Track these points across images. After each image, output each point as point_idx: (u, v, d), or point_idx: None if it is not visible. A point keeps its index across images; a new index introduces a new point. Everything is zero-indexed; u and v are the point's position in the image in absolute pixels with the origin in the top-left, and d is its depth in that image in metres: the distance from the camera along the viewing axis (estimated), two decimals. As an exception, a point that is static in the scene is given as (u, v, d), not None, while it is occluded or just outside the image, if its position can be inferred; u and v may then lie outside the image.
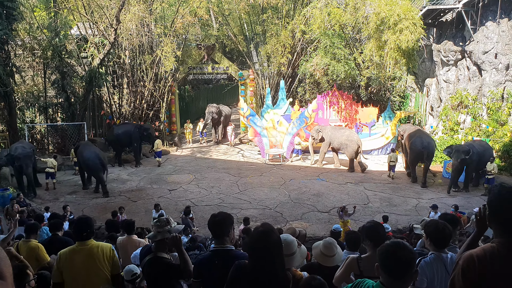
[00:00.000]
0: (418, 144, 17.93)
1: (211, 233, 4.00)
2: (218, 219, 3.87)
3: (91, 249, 4.48)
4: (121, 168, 21.24)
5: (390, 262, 2.62)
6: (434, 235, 4.00)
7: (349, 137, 20.20)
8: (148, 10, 23.48)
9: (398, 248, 2.65)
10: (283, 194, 16.70)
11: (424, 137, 18.33)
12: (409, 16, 18.92)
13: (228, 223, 3.88)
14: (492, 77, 20.13)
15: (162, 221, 4.33)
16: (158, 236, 4.28)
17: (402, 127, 20.64)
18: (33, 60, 23.30)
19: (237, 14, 26.43)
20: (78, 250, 4.49)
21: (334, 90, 23.03)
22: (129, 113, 24.69)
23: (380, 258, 2.67)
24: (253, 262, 3.17)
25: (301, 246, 3.90)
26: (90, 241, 4.56)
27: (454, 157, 16.58)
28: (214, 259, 3.79)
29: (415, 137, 18.35)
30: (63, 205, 13.26)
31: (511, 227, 2.45)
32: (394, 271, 2.62)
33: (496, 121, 19.69)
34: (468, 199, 15.74)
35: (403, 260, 2.59)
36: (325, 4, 21.21)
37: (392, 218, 13.86)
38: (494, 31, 19.97)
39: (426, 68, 25.14)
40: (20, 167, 16.21)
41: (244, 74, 26.99)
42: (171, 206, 15.26)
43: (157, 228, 4.28)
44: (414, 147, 18.13)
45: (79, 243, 4.55)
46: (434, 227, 4.06)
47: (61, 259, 4.43)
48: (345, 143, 20.13)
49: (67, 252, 4.51)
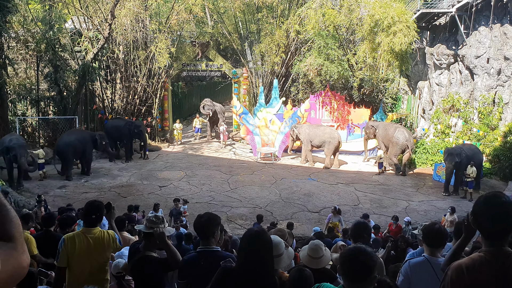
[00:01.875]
0: (401, 137, 19.47)
1: (197, 233, 3.99)
2: (204, 220, 3.85)
3: (96, 235, 4.55)
4: (112, 163, 21.18)
5: (351, 265, 2.68)
6: (428, 235, 4.02)
7: (331, 135, 20.44)
8: (143, 6, 23.40)
9: (360, 252, 2.70)
10: (273, 193, 16.75)
11: (403, 130, 20.02)
12: (403, 19, 19.03)
13: (214, 224, 3.87)
14: (484, 81, 20.29)
15: (158, 218, 4.30)
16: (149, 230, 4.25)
17: (373, 124, 21.07)
18: (27, 53, 23.16)
19: (232, 12, 26.43)
20: (84, 235, 4.53)
21: (327, 90, 23.11)
22: (122, 108, 24.60)
23: (341, 262, 2.73)
24: (244, 264, 3.15)
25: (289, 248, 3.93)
26: (96, 228, 4.62)
27: (447, 160, 16.73)
28: (200, 260, 3.77)
29: (395, 131, 19.81)
30: (38, 194, 13.26)
31: (498, 237, 2.45)
32: (355, 275, 2.67)
33: (487, 125, 19.87)
34: (458, 202, 15.84)
35: (364, 265, 2.64)
36: (320, 5, 21.27)
37: (382, 220, 13.96)
38: (487, 36, 20.14)
39: (418, 71, 25.29)
40: (14, 157, 16.21)
41: (238, 72, 26.99)
42: (161, 203, 15.16)
43: (151, 223, 4.25)
44: (397, 140, 19.55)
45: (85, 229, 4.60)
46: (429, 226, 4.10)
47: (67, 244, 4.45)
48: (328, 140, 20.34)
49: (73, 236, 4.54)
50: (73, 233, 4.64)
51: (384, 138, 20.31)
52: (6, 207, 1.52)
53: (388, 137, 20.01)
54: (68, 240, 4.47)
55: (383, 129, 20.47)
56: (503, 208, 2.39)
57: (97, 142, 19.29)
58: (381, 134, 20.42)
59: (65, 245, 4.43)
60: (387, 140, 20.15)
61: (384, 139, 20.32)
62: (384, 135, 20.25)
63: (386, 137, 20.14)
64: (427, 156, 20.67)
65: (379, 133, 20.51)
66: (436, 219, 13.54)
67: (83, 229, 4.63)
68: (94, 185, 17.67)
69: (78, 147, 18.64)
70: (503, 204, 2.40)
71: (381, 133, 20.45)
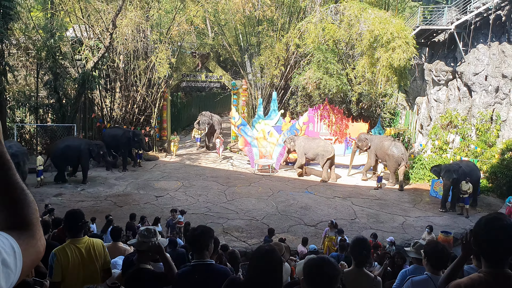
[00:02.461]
0: (396, 151, 19.70)
1: (191, 247, 3.96)
2: (198, 233, 3.84)
3: (84, 245, 4.47)
4: (109, 172, 21.14)
5: (316, 276, 2.67)
6: (432, 255, 4.00)
7: (324, 148, 20.45)
8: (145, 16, 23.54)
9: (324, 263, 2.70)
10: (270, 206, 16.71)
11: (399, 144, 20.24)
12: (402, 35, 19.16)
13: (208, 237, 3.85)
14: (482, 98, 20.41)
15: (150, 231, 4.25)
16: (143, 246, 4.21)
17: (367, 136, 21.13)
18: (27, 60, 23.21)
19: (233, 24, 26.58)
20: (73, 246, 4.44)
21: (326, 104, 23.19)
22: (120, 117, 24.62)
23: (305, 272, 2.71)
24: (253, 279, 3.11)
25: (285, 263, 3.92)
26: (84, 238, 4.55)
27: (445, 177, 16.70)
28: (194, 273, 3.75)
29: (390, 145, 19.99)
30: (46, 203, 13.24)
31: (497, 258, 2.44)
32: (319, 286, 2.66)
33: (485, 142, 19.94)
34: (454, 219, 15.84)
35: (328, 275, 2.63)
36: (320, 19, 21.42)
37: (379, 235, 13.90)
38: (485, 53, 20.30)
39: (417, 87, 25.42)
40: (17, 164, 16.19)
41: (237, 84, 27.10)
42: (157, 213, 15.16)
43: (143, 237, 4.20)
44: (393, 153, 19.74)
45: (72, 240, 4.50)
46: (433, 247, 4.07)
47: (60, 257, 4.35)
48: (321, 153, 20.37)
49: (64, 248, 4.44)
50: (63, 246, 4.51)
51: (379, 152, 20.39)
52: (25, 191, 1.52)
53: (384, 151, 20.10)
54: (59, 253, 4.38)
55: (378, 142, 20.55)
56: (504, 231, 2.39)
57: (94, 152, 19.19)
58: (376, 147, 20.49)
59: (57, 259, 4.34)
60: (382, 154, 20.23)
61: (379, 152, 20.40)
62: (379, 148, 20.33)
63: (382, 151, 20.23)
64: (424, 172, 20.70)
65: (373, 146, 20.57)
66: (433, 235, 13.54)
67: (71, 240, 4.51)
68: (91, 194, 17.60)
69: (69, 154, 18.62)
70: (505, 228, 2.40)
71: (375, 146, 20.53)
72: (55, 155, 18.63)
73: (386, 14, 20.48)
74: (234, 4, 23.21)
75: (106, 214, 12.38)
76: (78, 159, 19.23)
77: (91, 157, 19.55)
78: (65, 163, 19.13)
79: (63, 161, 18.93)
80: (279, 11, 25.44)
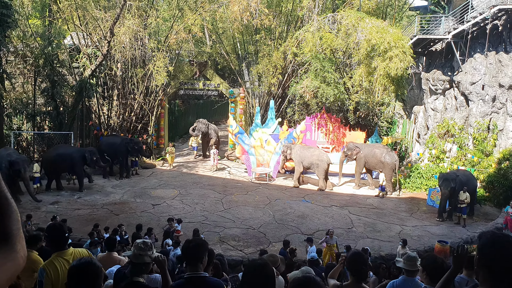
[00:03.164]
0: (389, 158, 20.02)
1: (185, 259, 3.93)
2: (193, 245, 3.83)
3: (71, 256, 4.41)
4: (106, 180, 21.10)
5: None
6: (431, 269, 3.96)
7: (319, 157, 20.46)
8: (143, 25, 23.59)
9: (309, 282, 2.69)
10: (267, 214, 16.66)
11: (390, 151, 20.57)
12: (399, 44, 19.24)
13: (202, 249, 3.83)
14: (479, 108, 20.46)
15: (146, 245, 4.20)
16: (138, 259, 4.14)
17: (357, 144, 21.19)
18: (24, 67, 23.25)
19: (231, 33, 26.68)
20: (60, 259, 4.38)
21: (323, 112, 23.21)
22: (118, 125, 24.60)
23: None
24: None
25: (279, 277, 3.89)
26: (70, 249, 4.49)
27: (443, 186, 16.67)
28: (188, 286, 3.73)
29: (383, 153, 20.25)
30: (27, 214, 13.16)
31: (500, 276, 2.40)
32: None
33: (482, 152, 19.96)
34: (452, 228, 15.81)
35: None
36: (318, 28, 21.51)
37: (375, 244, 13.90)
38: (482, 63, 20.38)
39: (414, 96, 25.48)
40: (18, 172, 16.27)
41: (234, 92, 27.13)
42: (154, 222, 15.14)
43: (139, 250, 4.14)
44: (387, 161, 19.98)
45: (58, 253, 4.44)
46: (432, 260, 4.04)
47: (50, 273, 4.28)
48: (316, 162, 20.39)
49: (52, 263, 4.38)
50: (50, 260, 4.44)
51: (371, 160, 20.54)
52: (8, 200, 1.49)
53: (378, 159, 20.25)
54: (49, 268, 4.31)
55: (368, 151, 20.66)
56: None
57: (87, 158, 19.07)
58: (367, 156, 20.61)
59: (47, 274, 4.27)
60: (376, 162, 20.38)
61: (371, 160, 20.55)
62: (371, 156, 20.48)
63: (375, 159, 20.36)
64: (421, 181, 20.69)
65: (364, 154, 20.63)
66: (430, 245, 13.51)
67: (57, 253, 4.44)
68: (87, 202, 17.54)
69: (60, 162, 18.52)
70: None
71: (366, 154, 20.62)
72: (47, 163, 18.54)
73: (383, 24, 20.58)
74: (232, 13, 23.31)
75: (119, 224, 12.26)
76: (71, 168, 19.14)
77: (86, 164, 19.42)
78: (56, 171, 18.90)
79: (55, 170, 18.74)
80: (276, 20, 25.54)
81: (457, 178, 16.46)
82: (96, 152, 19.80)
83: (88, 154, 19.18)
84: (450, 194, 16.50)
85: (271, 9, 24.92)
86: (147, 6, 24.23)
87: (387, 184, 20.05)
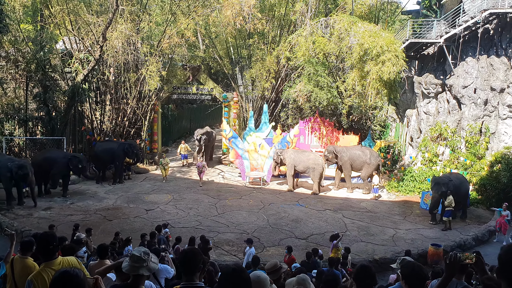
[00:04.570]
0: (374, 159, 20.61)
1: (181, 269, 3.87)
2: (190, 255, 3.80)
3: (60, 266, 4.35)
4: (99, 185, 20.99)
5: None
6: (410, 277, 3.82)
7: (315, 161, 20.51)
8: (135, 29, 23.55)
9: None
10: (261, 219, 16.64)
11: (373, 152, 21.11)
12: (391, 48, 19.31)
13: (199, 259, 3.80)
14: (471, 111, 20.58)
15: (147, 254, 4.10)
16: (135, 270, 4.03)
17: (335, 147, 21.41)
18: (16, 73, 23.10)
19: (224, 37, 26.67)
20: (48, 269, 4.31)
21: (316, 116, 23.24)
22: (110, 130, 24.50)
23: None
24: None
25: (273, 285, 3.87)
26: (58, 259, 4.43)
27: (434, 190, 16.72)
28: None
29: (367, 153, 20.73)
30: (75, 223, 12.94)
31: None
32: None
33: (474, 155, 20.06)
34: (445, 231, 15.85)
35: None
36: (310, 32, 21.55)
37: (369, 248, 13.93)
38: (474, 66, 20.52)
39: (407, 99, 25.58)
40: (26, 175, 16.33)
41: (228, 96, 27.13)
42: (147, 227, 15.02)
43: (138, 261, 4.04)
44: (371, 162, 20.53)
45: (46, 263, 4.38)
46: (411, 269, 3.88)
47: (38, 284, 4.21)
48: (312, 166, 20.43)
49: (40, 274, 4.31)
50: (38, 271, 4.38)
51: (356, 161, 20.83)
52: None
53: (363, 160, 20.61)
54: (37, 280, 4.25)
55: (352, 153, 20.95)
56: None
57: (72, 165, 18.83)
58: (351, 158, 20.87)
59: (34, 286, 4.21)
60: (361, 163, 20.71)
61: (356, 162, 20.85)
62: (356, 158, 20.78)
63: (360, 160, 20.69)
64: (414, 184, 20.76)
65: (347, 157, 20.87)
66: (423, 248, 13.56)
67: (45, 264, 4.38)
68: (80, 207, 17.43)
69: (46, 166, 18.31)
70: None
71: (349, 156, 20.87)
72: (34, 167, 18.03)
73: (376, 28, 20.66)
74: (225, 17, 23.29)
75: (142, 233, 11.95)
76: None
77: (70, 170, 19.20)
78: (42, 175, 18.53)
79: (40, 174, 18.28)
80: (269, 24, 25.56)
81: (450, 182, 16.50)
82: (83, 160, 19.51)
83: (73, 160, 18.88)
84: (441, 198, 16.56)
85: (264, 14, 24.94)
86: (139, 11, 24.21)
87: (365, 183, 20.85)
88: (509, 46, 19.91)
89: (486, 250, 13.38)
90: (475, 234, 15.08)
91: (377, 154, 21.06)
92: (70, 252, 6.05)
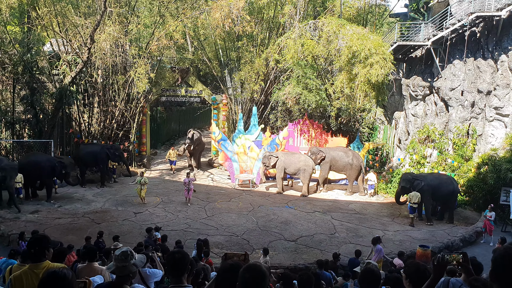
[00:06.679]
0: (356, 161, 21.05)
1: (169, 271, 3.86)
2: (178, 257, 3.78)
3: (43, 270, 4.28)
4: (86, 188, 20.83)
5: None
6: (414, 277, 3.90)
7: (305, 162, 20.60)
8: (124, 31, 23.43)
9: None
10: (251, 221, 16.63)
11: (356, 154, 21.53)
12: (379, 51, 19.44)
13: (187, 262, 3.80)
14: (458, 113, 20.77)
15: (126, 254, 4.06)
16: (122, 271, 4.01)
17: (320, 149, 21.62)
18: (3, 75, 22.85)
19: (213, 39, 26.67)
20: (30, 272, 4.27)
21: (305, 118, 23.31)
22: (99, 132, 24.33)
23: None
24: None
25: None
26: (44, 263, 4.39)
27: (398, 184, 18.18)
28: None
29: (350, 155, 21.20)
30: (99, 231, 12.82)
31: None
32: None
33: (462, 156, 20.23)
34: (432, 232, 15.96)
35: None
36: (299, 35, 21.63)
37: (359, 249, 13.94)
38: (461, 69, 20.72)
39: (395, 102, 25.75)
40: (3, 178, 16.11)
41: (217, 99, 27.11)
42: (136, 230, 14.99)
43: (121, 262, 4.01)
44: (354, 163, 21.01)
45: (32, 265, 4.34)
46: (415, 268, 3.98)
47: (15, 284, 4.18)
48: (302, 168, 20.51)
49: (20, 275, 4.27)
50: (20, 272, 4.34)
51: (339, 163, 21.15)
52: None
53: (346, 162, 20.99)
54: (15, 280, 4.22)
55: (334, 154, 21.23)
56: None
57: (57, 170, 18.53)
58: (333, 159, 21.17)
59: (12, 285, 4.19)
60: (343, 164, 21.08)
61: (339, 164, 21.17)
62: (339, 159, 21.10)
63: (343, 161, 21.03)
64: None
65: (328, 158, 21.12)
66: (411, 249, 13.61)
67: (31, 265, 4.36)
68: (68, 211, 17.27)
69: (30, 170, 17.97)
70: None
71: (331, 158, 21.16)
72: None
73: (364, 31, 20.81)
74: (213, 20, 23.31)
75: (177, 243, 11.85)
76: (39, 177, 18.57)
77: (54, 176, 18.95)
78: (27, 179, 18.23)
79: (25, 178, 18.02)
80: (258, 26, 25.61)
81: (416, 180, 17.30)
82: (68, 165, 19.20)
83: (59, 165, 18.58)
84: (402, 192, 17.88)
85: (253, 16, 24.98)
86: (128, 13, 24.11)
87: (350, 185, 21.15)
88: (495, 48, 20.13)
89: (474, 251, 13.51)
90: (462, 235, 15.22)
91: (359, 156, 21.35)
92: (59, 258, 5.99)
